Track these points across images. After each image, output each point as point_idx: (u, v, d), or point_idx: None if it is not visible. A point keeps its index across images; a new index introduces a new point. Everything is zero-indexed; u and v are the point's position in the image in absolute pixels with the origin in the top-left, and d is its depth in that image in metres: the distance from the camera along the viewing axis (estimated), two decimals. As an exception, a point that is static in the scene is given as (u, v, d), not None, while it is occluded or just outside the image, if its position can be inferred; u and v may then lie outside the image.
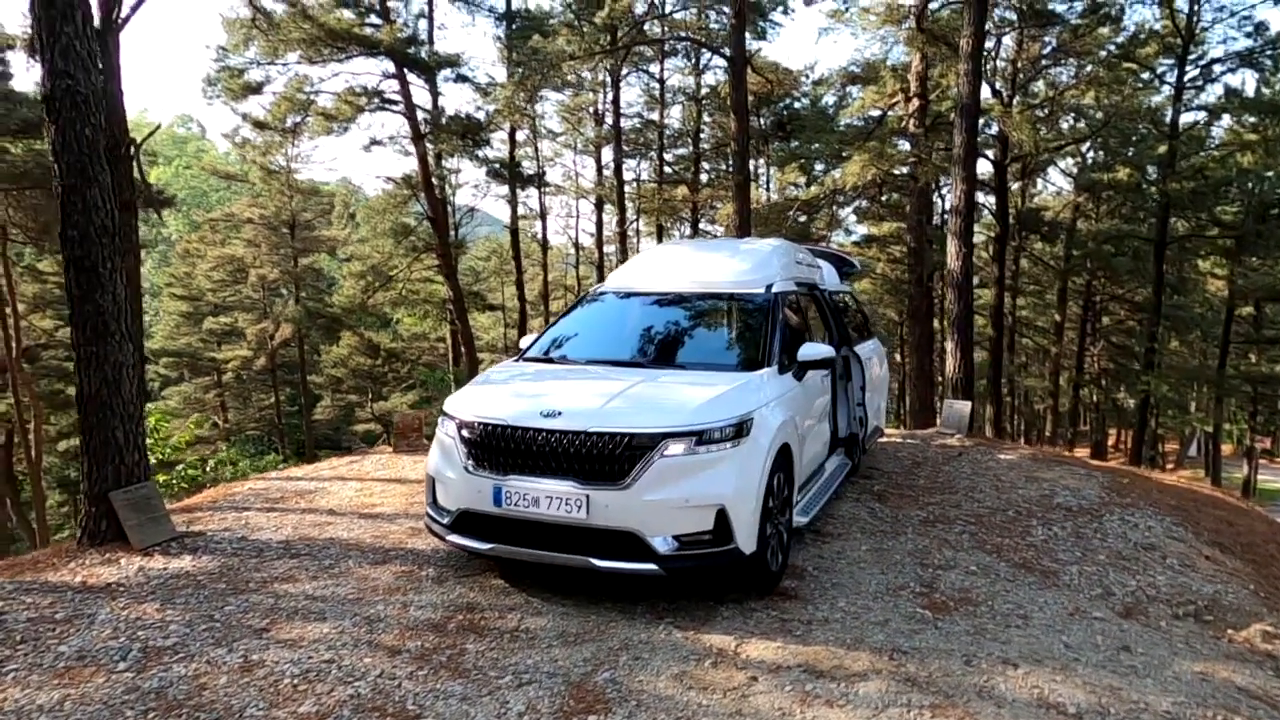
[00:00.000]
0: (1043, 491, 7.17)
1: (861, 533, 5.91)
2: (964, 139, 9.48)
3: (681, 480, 4.18)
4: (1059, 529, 6.13)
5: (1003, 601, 4.73)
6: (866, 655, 3.93)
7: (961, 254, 9.66)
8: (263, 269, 27.21)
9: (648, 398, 4.56)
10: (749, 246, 6.67)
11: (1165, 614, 4.77)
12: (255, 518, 6.27)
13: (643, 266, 6.52)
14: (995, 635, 4.25)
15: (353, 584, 4.77)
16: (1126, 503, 6.94)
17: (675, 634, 4.11)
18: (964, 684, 3.68)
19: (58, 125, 5.42)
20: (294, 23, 15.69)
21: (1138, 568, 5.49)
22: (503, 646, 3.95)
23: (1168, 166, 20.81)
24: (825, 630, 4.22)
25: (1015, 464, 8.26)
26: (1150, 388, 21.73)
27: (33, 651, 3.84)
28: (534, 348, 5.78)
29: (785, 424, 4.81)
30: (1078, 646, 4.18)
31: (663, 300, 5.94)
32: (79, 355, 5.56)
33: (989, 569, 5.26)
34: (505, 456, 4.42)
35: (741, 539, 4.27)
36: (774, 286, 5.77)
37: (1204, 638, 4.51)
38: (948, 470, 7.95)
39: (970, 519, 6.30)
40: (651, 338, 5.62)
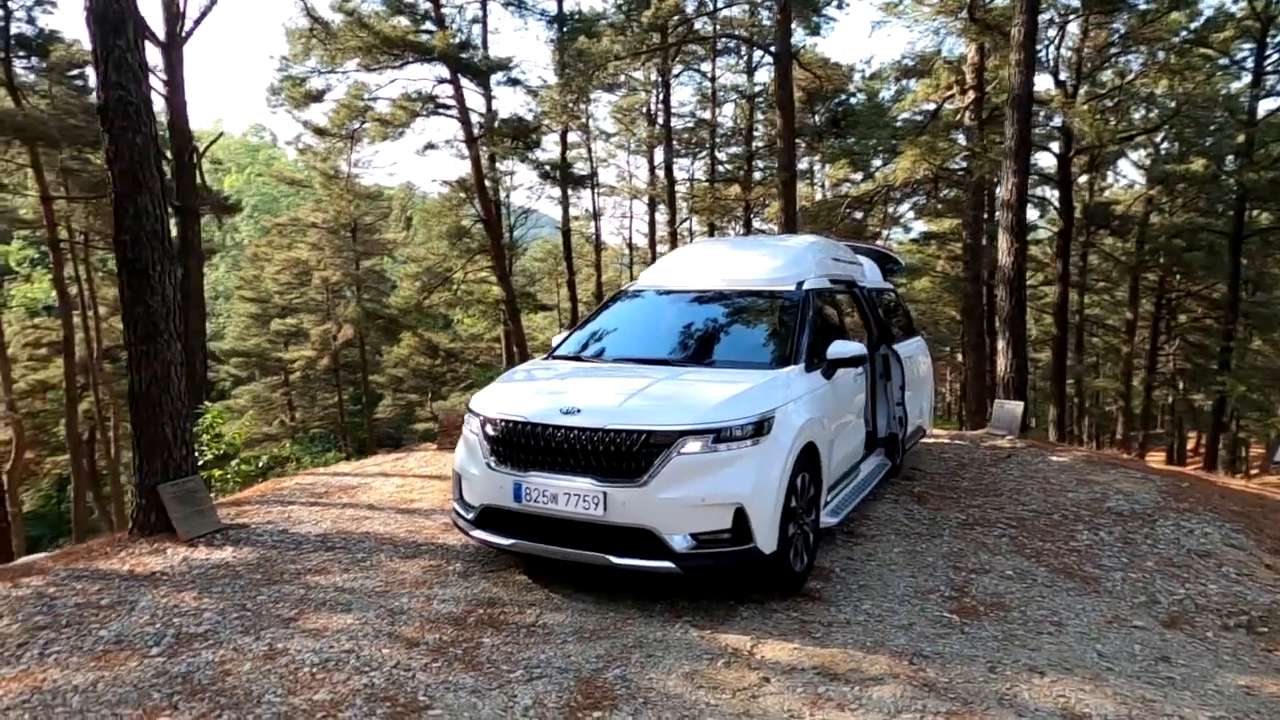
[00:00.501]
0: (1094, 495, 6.90)
1: (896, 534, 5.78)
2: (1016, 130, 9.17)
3: (699, 478, 4.16)
4: (1106, 534, 5.89)
5: (1037, 608, 4.57)
6: (885, 659, 3.84)
7: (1013, 249, 9.34)
8: (326, 271, 28.05)
9: (668, 395, 4.55)
10: (783, 244, 6.59)
11: (1214, 624, 4.54)
12: (298, 511, 6.46)
13: (675, 264, 6.51)
14: (1025, 642, 4.11)
15: (381, 577, 4.88)
16: (1183, 508, 6.63)
17: (691, 633, 4.09)
18: (985, 691, 3.56)
19: (111, 134, 5.67)
20: (351, 31, 16.15)
21: (1188, 575, 5.23)
22: (518, 641, 3.98)
23: (1245, 156, 19.77)
24: (845, 633, 4.14)
25: (1067, 466, 7.96)
26: (1226, 388, 20.68)
27: (75, 635, 4.03)
28: (564, 346, 5.83)
29: (810, 423, 4.73)
30: (1112, 656, 4.01)
31: (693, 298, 5.91)
32: (130, 354, 5.82)
33: (1026, 574, 5.08)
34: (526, 453, 4.46)
35: (761, 539, 4.22)
36: (806, 284, 5.70)
37: (1254, 650, 4.27)
38: (994, 472, 7.72)
39: (1012, 522, 6.10)
40: (679, 335, 5.59)
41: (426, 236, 22.42)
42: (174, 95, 12.28)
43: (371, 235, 28.49)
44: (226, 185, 56.66)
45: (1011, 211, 9.35)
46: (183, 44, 12.37)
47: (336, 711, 3.30)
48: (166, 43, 12.22)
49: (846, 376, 5.62)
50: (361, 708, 3.33)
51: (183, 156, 12.26)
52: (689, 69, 23.65)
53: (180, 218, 12.01)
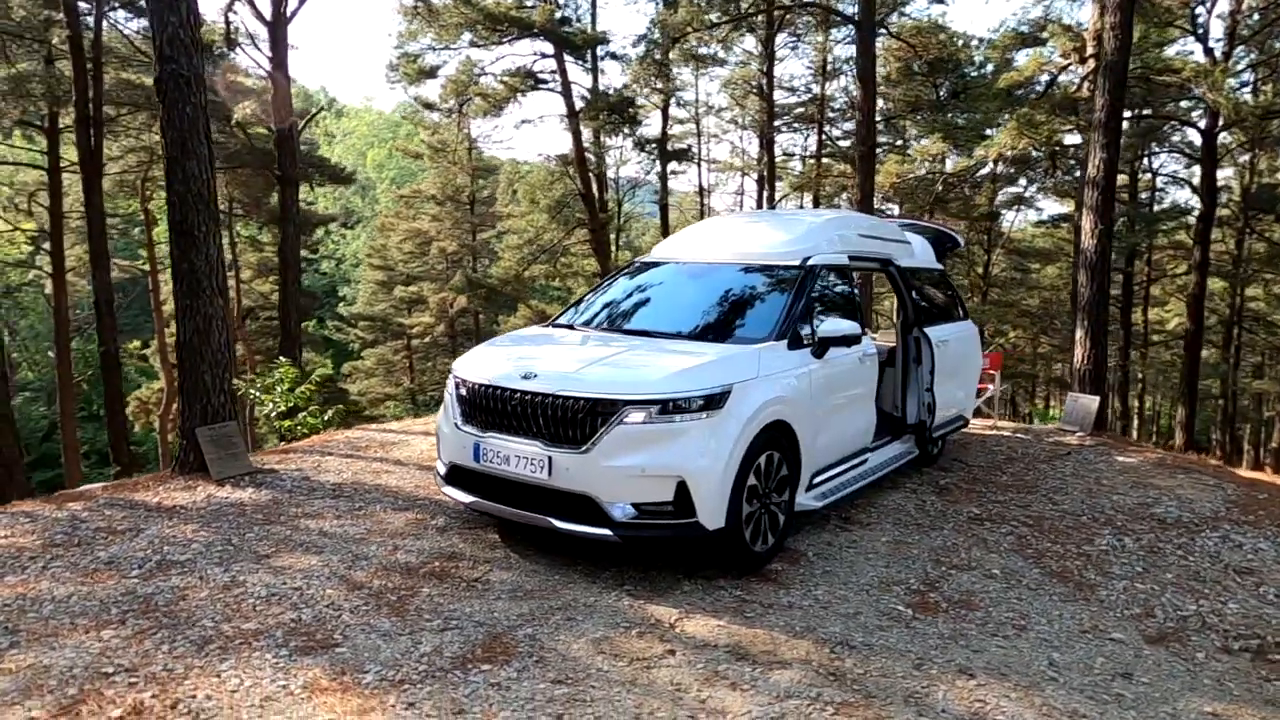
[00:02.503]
0: (1144, 500, 6.34)
1: (893, 524, 5.54)
2: (1107, 101, 8.32)
3: (641, 448, 4.14)
4: (1132, 540, 5.41)
5: (1006, 609, 4.28)
6: (807, 645, 3.72)
7: (1097, 231, 8.55)
8: (444, 242, 29.34)
9: (625, 365, 4.54)
10: (800, 218, 6.40)
11: (1211, 645, 4.11)
12: (331, 462, 6.88)
13: (690, 237, 6.44)
14: (971, 643, 3.87)
15: (366, 525, 5.15)
16: (1244, 520, 5.98)
17: (624, 601, 4.10)
18: (896, 687, 3.40)
19: (165, 104, 6.17)
20: (455, 8, 16.69)
21: (1211, 592, 4.74)
22: (454, 594, 4.13)
23: None
24: (781, 615, 4.03)
25: (1130, 468, 7.34)
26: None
27: (79, 554, 4.50)
28: (564, 314, 5.90)
29: (780, 400, 4.60)
30: (1066, 666, 3.72)
31: (695, 271, 5.84)
32: (177, 307, 6.36)
33: (1014, 574, 4.76)
34: (487, 415, 4.58)
35: (704, 514, 4.16)
36: (813, 259, 5.51)
37: (1248, 677, 3.84)
38: (1043, 469, 7.22)
39: (1028, 521, 5.71)
40: (669, 307, 5.55)
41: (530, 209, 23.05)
42: (278, 70, 13.17)
43: (487, 207, 29.52)
44: (369, 159, 59.99)
45: (1098, 190, 8.55)
46: (287, 22, 13.24)
47: (253, 640, 3.54)
48: (272, 21, 13.10)
49: (848, 357, 5.39)
50: (276, 638, 3.56)
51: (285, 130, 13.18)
52: (801, 41, 22.95)
53: (281, 187, 12.93)
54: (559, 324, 5.78)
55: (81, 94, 12.88)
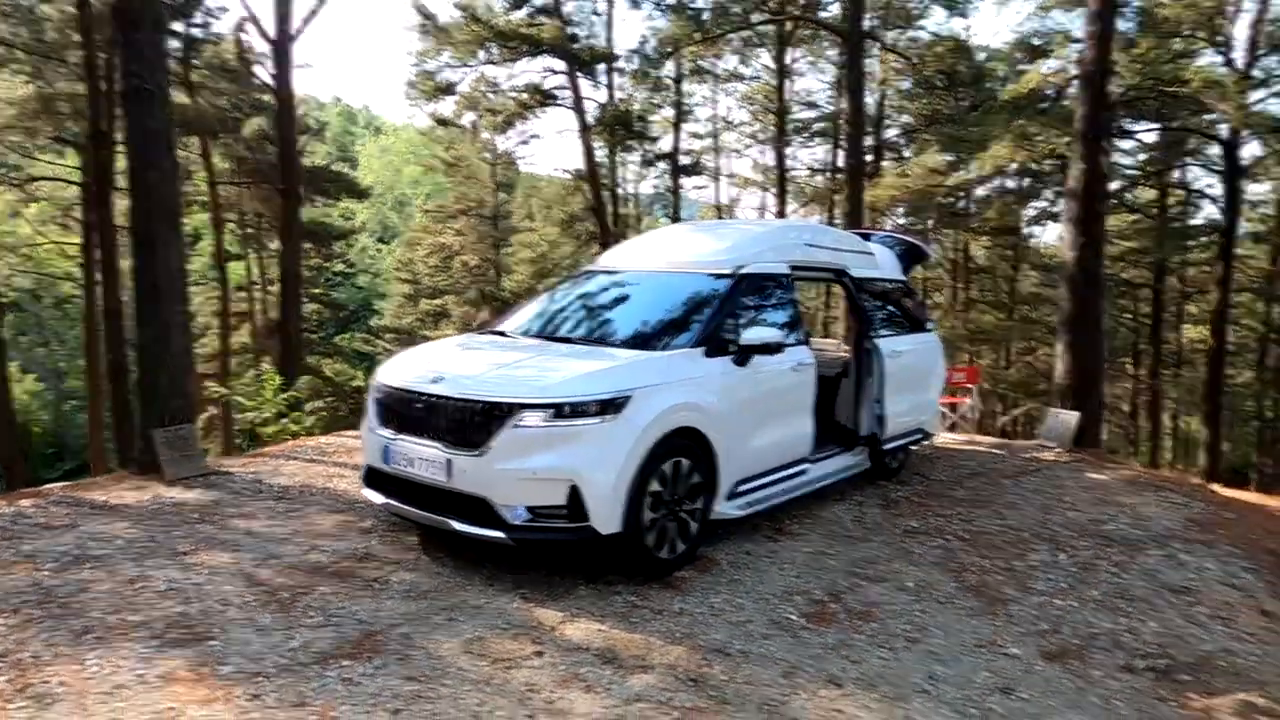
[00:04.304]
0: (1097, 517, 6.17)
1: (823, 535, 5.47)
2: (1086, 112, 8.17)
3: (534, 451, 4.17)
4: (1067, 556, 5.27)
5: (905, 622, 4.20)
6: (681, 651, 3.70)
7: (1078, 244, 8.36)
8: (466, 255, 29.77)
9: (529, 369, 4.58)
10: (742, 227, 6.42)
11: (1112, 664, 3.98)
12: (290, 466, 7.01)
13: (633, 246, 6.50)
14: (853, 654, 3.81)
15: (294, 526, 5.24)
16: (1198, 539, 5.79)
17: (515, 604, 4.12)
18: (755, 694, 3.36)
19: (128, 116, 6.42)
20: (465, 26, 17.03)
21: (1134, 610, 4.60)
22: (349, 593, 4.18)
23: None
24: (668, 621, 4.01)
25: (1099, 484, 7.15)
26: None
27: (5, 547, 4.66)
28: (503, 322, 5.97)
29: (690, 406, 4.60)
30: (945, 679, 3.64)
31: (630, 279, 5.86)
32: (138, 313, 6.57)
33: (928, 587, 4.67)
34: (397, 417, 4.65)
35: (598, 517, 4.16)
36: (747, 268, 5.50)
37: (1143, 697, 3.72)
38: (1004, 484, 7.06)
39: (965, 535, 5.59)
40: (598, 314, 5.58)
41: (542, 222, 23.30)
42: (282, 89, 13.58)
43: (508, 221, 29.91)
44: (405, 176, 61.19)
45: (1078, 202, 8.38)
46: (291, 41, 13.66)
47: (132, 631, 3.64)
48: (277, 40, 13.53)
49: (776, 365, 5.35)
50: (156, 630, 3.65)
51: (288, 145, 13.56)
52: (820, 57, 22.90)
53: (282, 200, 13.31)
54: (494, 330, 5.85)
55: (94, 111, 13.46)
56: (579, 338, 5.25)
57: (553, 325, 5.56)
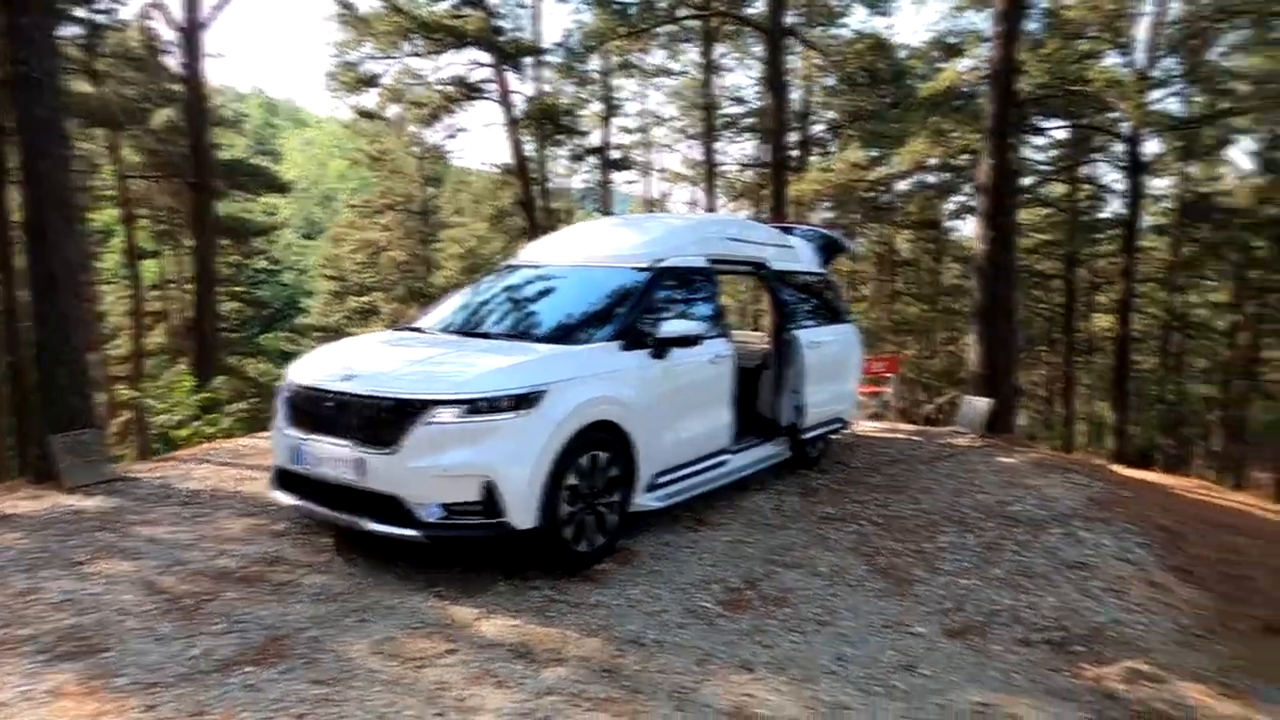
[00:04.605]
0: (1005, 499, 6.41)
1: (743, 524, 5.55)
2: (995, 109, 8.51)
3: (446, 448, 4.12)
4: (974, 537, 5.47)
5: (816, 606, 4.30)
6: (596, 643, 3.71)
7: (989, 237, 8.70)
8: (394, 251, 29.21)
9: (443, 365, 4.53)
10: (662, 221, 6.45)
11: (1011, 639, 4.15)
12: (202, 470, 6.77)
13: (554, 241, 6.48)
14: (766, 639, 3.88)
15: (200, 532, 5.06)
16: (1097, 517, 6.07)
17: (429, 602, 4.07)
18: (667, 683, 3.40)
19: (17, 106, 6.08)
20: (389, 16, 16.67)
21: (1034, 586, 4.80)
22: (257, 598, 4.07)
23: None
24: (584, 615, 4.02)
25: (1009, 468, 7.43)
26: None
27: (-118, 562, 4.38)
28: (422, 317, 5.88)
29: (607, 400, 4.61)
30: (853, 660, 3.74)
31: (550, 274, 5.85)
32: (34, 308, 6.25)
33: (841, 572, 4.79)
34: (308, 417, 4.54)
35: (514, 513, 4.14)
36: (664, 261, 5.54)
37: (1037, 668, 3.89)
38: (920, 470, 7.28)
39: (879, 520, 5.75)
40: (517, 309, 5.55)
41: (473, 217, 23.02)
42: (193, 78, 13.04)
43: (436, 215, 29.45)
44: (331, 170, 59.61)
45: (988, 196, 8.71)
46: (201, 29, 13.13)
47: (21, 645, 3.47)
48: (185, 27, 13.00)
49: (695, 358, 5.40)
50: (47, 643, 3.49)
51: (199, 137, 13.05)
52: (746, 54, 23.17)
53: (194, 195, 12.79)
54: (410, 327, 5.76)
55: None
56: (497, 333, 5.22)
57: (471, 321, 5.50)
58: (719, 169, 25.39)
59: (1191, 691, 3.88)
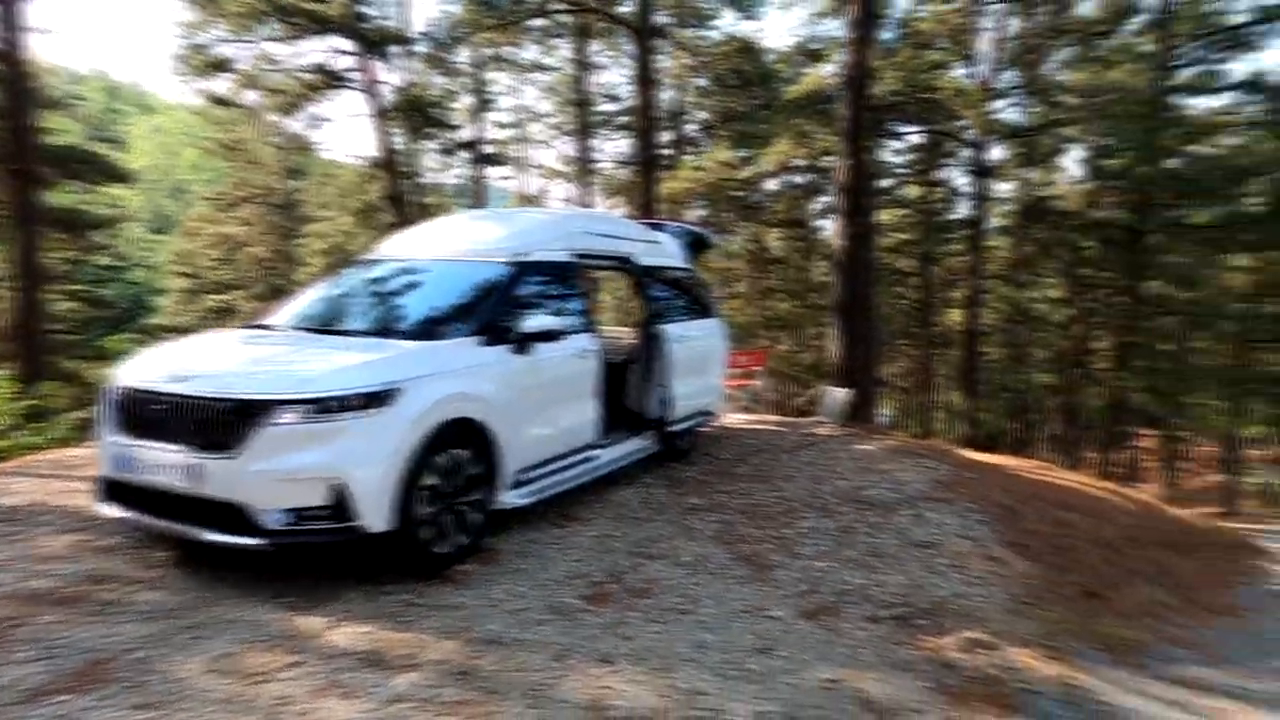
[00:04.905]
0: (863, 484, 6.71)
1: (610, 518, 5.56)
2: (851, 112, 8.94)
3: (294, 450, 3.91)
4: (832, 522, 5.70)
5: (679, 595, 4.37)
6: (453, 646, 3.62)
7: (847, 234, 9.14)
8: (254, 247, 27.61)
9: (289, 363, 4.30)
10: (526, 216, 6.41)
11: (860, 616, 4.35)
12: (20, 484, 6.14)
13: (415, 234, 6.30)
14: (627, 631, 3.90)
15: (16, 550, 4.59)
16: (943, 498, 6.46)
17: (274, 614, 3.85)
18: (524, 681, 3.35)
19: None
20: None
21: (884, 566, 5.05)
22: (77, 620, 3.73)
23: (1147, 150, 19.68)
24: (442, 617, 3.91)
25: (867, 455, 7.78)
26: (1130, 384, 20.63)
27: None
28: (272, 314, 5.57)
29: (466, 396, 4.50)
30: (712, 646, 3.81)
31: (411, 268, 5.66)
32: None
33: (704, 560, 4.88)
34: (137, 421, 4.20)
35: (367, 516, 3.98)
36: (527, 256, 5.46)
37: (884, 643, 4.09)
38: (784, 459, 7.52)
39: (743, 509, 5.90)
40: (373, 304, 5.36)
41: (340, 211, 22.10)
42: (12, 53, 11.79)
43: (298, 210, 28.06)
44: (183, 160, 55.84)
45: (846, 196, 9.14)
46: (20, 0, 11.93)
47: None
48: (4, 0, 11.79)
49: (559, 353, 5.36)
50: None
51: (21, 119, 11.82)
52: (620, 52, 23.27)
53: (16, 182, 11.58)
54: (258, 324, 5.44)
55: None
56: (351, 329, 5.00)
57: (324, 317, 5.25)
58: (595, 166, 25.43)
59: (1020, 656, 4.19)
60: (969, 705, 3.63)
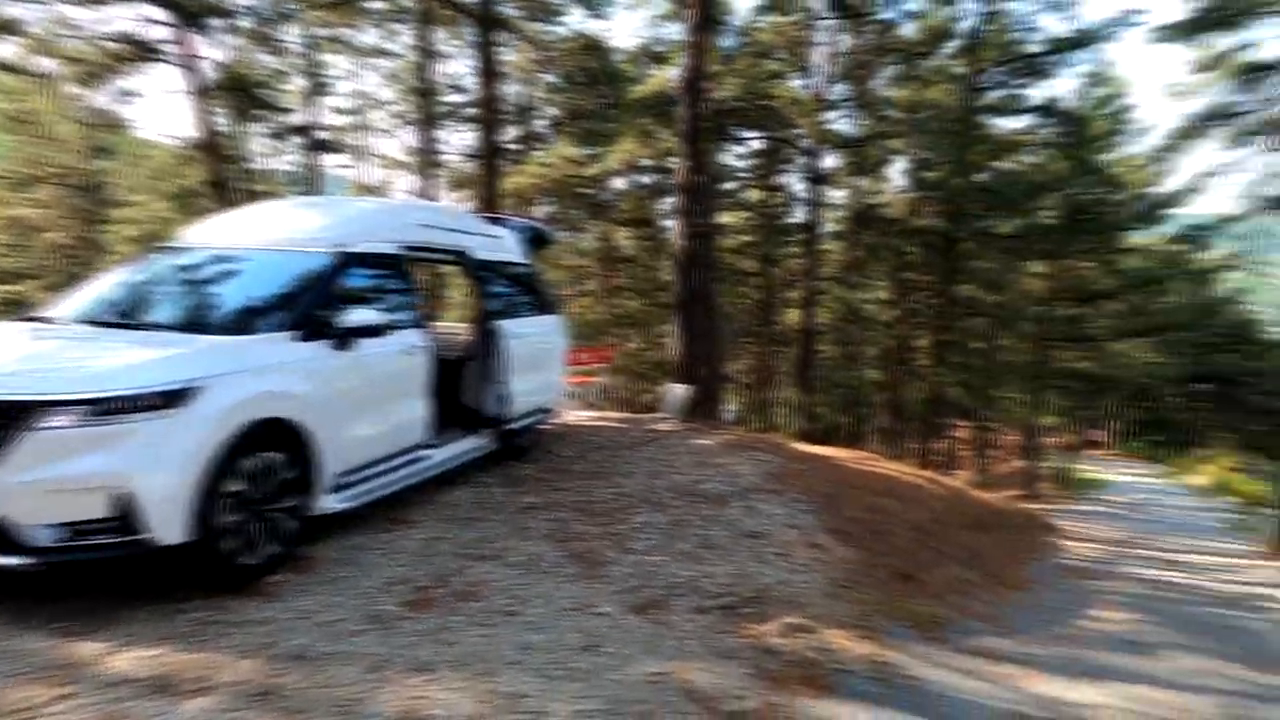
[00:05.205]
0: (699, 477, 6.86)
1: (442, 520, 5.38)
2: (689, 114, 9.17)
3: (69, 457, 3.50)
4: (665, 516, 5.79)
5: (508, 597, 4.27)
6: (254, 664, 3.35)
7: (687, 234, 9.36)
8: (52, 232, 24.81)
9: (67, 359, 3.86)
10: (353, 206, 6.11)
11: (689, 607, 4.43)
12: None
13: (227, 221, 5.85)
14: (449, 637, 3.76)
15: None
16: (773, 489, 6.71)
17: (45, 642, 3.42)
18: (332, 697, 3.15)
19: None
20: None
21: (714, 557, 5.17)
22: None
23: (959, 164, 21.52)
24: (245, 634, 3.61)
25: (705, 449, 7.97)
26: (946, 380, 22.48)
27: None
28: (56, 306, 4.99)
29: (278, 395, 4.21)
30: (538, 647, 3.74)
31: (217, 257, 5.23)
32: None
33: (536, 560, 4.81)
34: None
35: (159, 527, 3.62)
36: (350, 247, 5.18)
37: (709, 633, 4.17)
38: (625, 455, 7.57)
39: (579, 506, 5.88)
40: (169, 296, 4.92)
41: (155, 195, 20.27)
42: None
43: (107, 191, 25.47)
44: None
45: (686, 196, 9.34)
46: None
47: None
48: None
49: (385, 349, 5.12)
50: None
51: None
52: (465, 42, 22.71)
53: None
54: (37, 316, 4.86)
55: None
56: (147, 322, 4.56)
57: (115, 308, 4.76)
58: (440, 158, 24.68)
59: (836, 638, 4.39)
60: (787, 688, 3.76)
